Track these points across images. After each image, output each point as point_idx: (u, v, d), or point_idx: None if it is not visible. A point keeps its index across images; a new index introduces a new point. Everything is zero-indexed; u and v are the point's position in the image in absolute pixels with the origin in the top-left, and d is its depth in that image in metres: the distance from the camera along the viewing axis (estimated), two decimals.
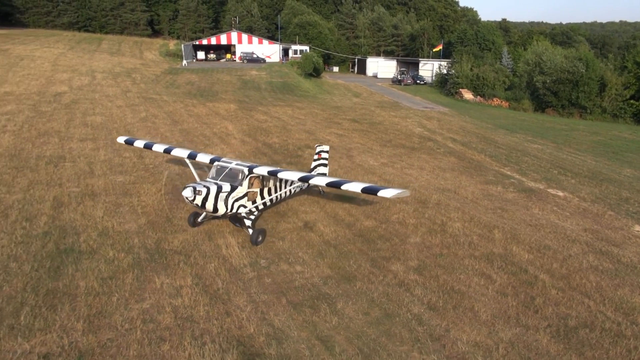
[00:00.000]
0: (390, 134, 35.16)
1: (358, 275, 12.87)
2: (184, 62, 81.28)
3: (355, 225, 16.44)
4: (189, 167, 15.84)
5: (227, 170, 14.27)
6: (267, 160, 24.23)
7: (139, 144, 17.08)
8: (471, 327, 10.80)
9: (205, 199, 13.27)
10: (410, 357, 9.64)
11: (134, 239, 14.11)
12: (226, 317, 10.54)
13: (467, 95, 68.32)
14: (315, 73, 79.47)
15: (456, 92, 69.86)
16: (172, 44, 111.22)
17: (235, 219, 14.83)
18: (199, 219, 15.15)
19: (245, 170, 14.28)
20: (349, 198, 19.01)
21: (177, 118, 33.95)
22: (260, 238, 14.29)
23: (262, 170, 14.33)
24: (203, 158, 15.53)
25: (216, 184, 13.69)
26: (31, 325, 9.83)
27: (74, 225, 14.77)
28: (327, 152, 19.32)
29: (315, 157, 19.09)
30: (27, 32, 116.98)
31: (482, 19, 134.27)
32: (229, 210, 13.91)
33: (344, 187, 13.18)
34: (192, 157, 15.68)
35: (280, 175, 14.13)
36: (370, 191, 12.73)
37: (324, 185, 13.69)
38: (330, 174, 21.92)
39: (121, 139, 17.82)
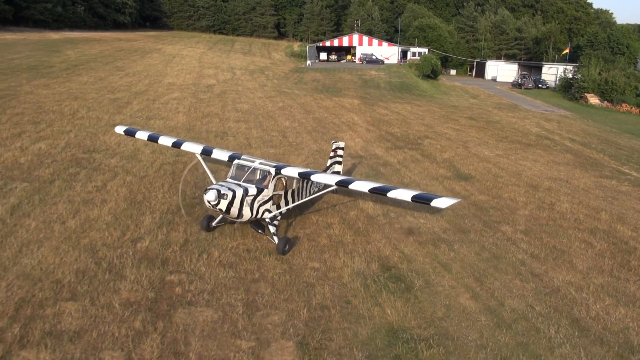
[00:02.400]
0: (506, 131, 36.52)
1: (472, 230, 15.58)
2: (308, 62, 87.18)
3: (470, 198, 19.02)
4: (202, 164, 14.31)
5: (250, 170, 12.87)
6: (390, 146, 27.42)
7: (142, 135, 15.43)
8: (567, 272, 13.07)
9: (230, 204, 11.84)
10: (512, 283, 12.25)
11: None
12: (367, 245, 13.91)
13: (593, 100, 65.71)
14: (432, 75, 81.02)
15: (581, 97, 67.46)
16: (296, 46, 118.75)
17: (258, 224, 13.07)
18: (214, 223, 13.67)
19: (272, 171, 12.88)
20: (464, 177, 21.60)
21: (308, 109, 38.46)
22: (287, 247, 12.79)
23: (292, 172, 12.94)
24: (220, 155, 14.06)
25: (241, 186, 12.26)
26: None
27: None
28: (342, 149, 17.60)
29: (331, 154, 17.35)
30: (172, 34, 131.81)
31: (618, 22, 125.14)
32: (253, 215, 12.57)
33: (390, 194, 11.50)
34: (206, 152, 14.19)
35: (315, 178, 12.77)
36: (422, 199, 11.17)
37: (367, 191, 11.92)
38: (445, 162, 24.49)
39: (120, 129, 16.15)
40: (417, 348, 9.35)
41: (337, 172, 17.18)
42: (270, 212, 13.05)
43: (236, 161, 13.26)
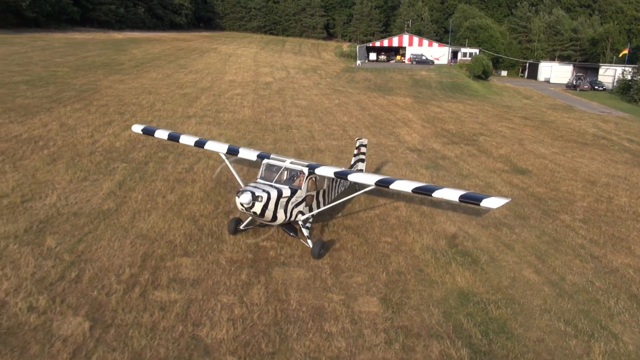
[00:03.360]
0: (561, 130, 36.62)
1: (531, 217, 16.50)
2: (358, 62, 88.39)
3: (528, 189, 19.85)
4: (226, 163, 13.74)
5: (281, 169, 12.25)
6: (447, 141, 28.37)
7: (162, 134, 14.62)
8: (625, 256, 13.85)
9: (265, 206, 11.26)
10: (572, 263, 13.18)
11: None
12: (433, 225, 15.12)
13: None
14: (483, 75, 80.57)
15: None
16: (345, 46, 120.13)
17: (290, 227, 12.54)
18: (242, 226, 13.11)
19: (305, 171, 12.31)
20: (522, 171, 22.39)
21: (363, 106, 39.78)
22: (322, 250, 12.25)
23: (327, 172, 12.36)
24: (247, 154, 13.34)
25: (275, 187, 11.67)
26: None
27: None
28: (365, 146, 17.26)
29: (355, 151, 16.92)
30: (225, 34, 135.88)
31: None
32: (287, 218, 12.02)
33: (436, 194, 10.95)
34: (232, 152, 13.53)
35: (352, 178, 12.26)
36: (471, 199, 10.61)
37: (409, 191, 11.31)
38: (502, 157, 25.23)
39: (137, 128, 15.34)
40: (487, 308, 10.53)
41: (361, 170, 16.40)
42: (303, 214, 12.48)
43: (265, 161, 12.59)
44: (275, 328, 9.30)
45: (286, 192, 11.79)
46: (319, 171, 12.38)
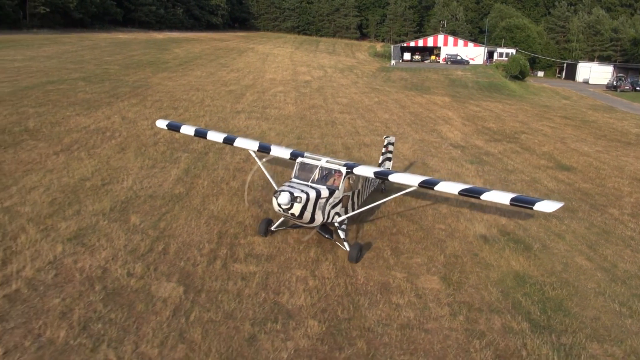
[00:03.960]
0: (604, 130, 36.41)
1: (579, 210, 16.90)
2: (393, 62, 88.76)
3: (574, 185, 20.17)
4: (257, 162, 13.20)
5: (317, 168, 11.68)
6: (489, 138, 28.73)
7: (187, 130, 14.16)
8: None
9: (304, 208, 10.71)
10: (623, 252, 13.60)
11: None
12: (484, 214, 15.72)
13: None
14: (520, 76, 79.80)
15: None
16: (379, 46, 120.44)
17: (326, 229, 12.12)
18: (273, 227, 12.62)
19: (343, 170, 11.79)
20: (566, 168, 22.66)
21: (403, 104, 40.36)
22: (360, 254, 11.77)
23: (366, 171, 11.92)
24: (280, 152, 12.90)
25: (312, 187, 11.14)
26: None
27: (362, 159, 21.52)
28: (393, 144, 16.97)
29: (383, 150, 16.56)
30: (260, 34, 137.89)
31: None
32: (324, 219, 11.48)
33: (485, 196, 10.61)
34: (263, 149, 13.01)
35: (393, 178, 11.70)
36: (523, 203, 10.36)
37: (456, 193, 10.90)
38: (545, 155, 25.46)
39: (162, 123, 14.77)
40: (543, 289, 11.13)
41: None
42: (339, 215, 11.95)
43: (300, 159, 12.03)
44: (348, 298, 10.14)
45: (324, 192, 11.25)
46: (358, 171, 11.89)
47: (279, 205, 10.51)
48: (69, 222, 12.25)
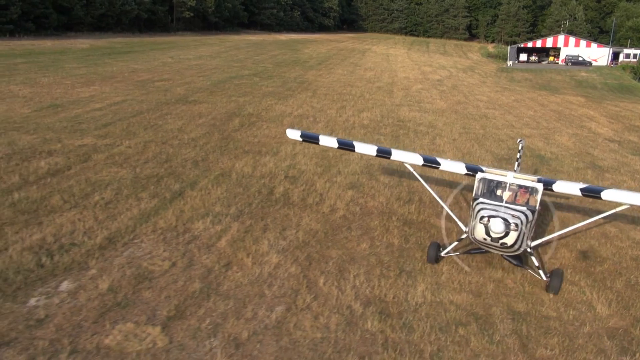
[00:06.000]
0: None
1: None
2: (509, 62, 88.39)
3: None
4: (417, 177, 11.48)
5: (508, 186, 10.10)
6: None
7: (328, 142, 11.76)
8: None
9: (519, 236, 9.18)
10: None
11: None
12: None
13: None
14: None
15: None
16: (490, 47, 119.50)
17: (516, 255, 10.45)
18: (443, 253, 10.88)
19: (539, 187, 10.10)
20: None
21: (540, 102, 41.88)
22: (561, 283, 10.05)
23: (571, 188, 10.19)
24: (452, 166, 11.09)
25: (517, 209, 9.58)
26: None
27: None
28: (523, 148, 15.07)
29: (517, 155, 14.52)
30: (368, 35, 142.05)
31: None
32: (523, 245, 9.68)
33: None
34: (430, 162, 11.13)
35: (607, 196, 9.62)
36: None
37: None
38: None
39: (294, 134, 12.10)
40: None
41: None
42: (530, 239, 10.13)
43: (481, 175, 10.40)
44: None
45: (529, 215, 9.64)
46: (559, 187, 10.10)
47: (490, 233, 8.98)
48: (340, 178, 16.40)
